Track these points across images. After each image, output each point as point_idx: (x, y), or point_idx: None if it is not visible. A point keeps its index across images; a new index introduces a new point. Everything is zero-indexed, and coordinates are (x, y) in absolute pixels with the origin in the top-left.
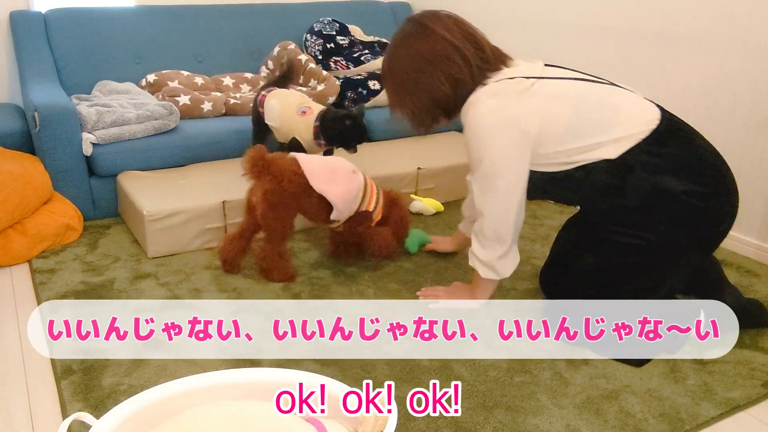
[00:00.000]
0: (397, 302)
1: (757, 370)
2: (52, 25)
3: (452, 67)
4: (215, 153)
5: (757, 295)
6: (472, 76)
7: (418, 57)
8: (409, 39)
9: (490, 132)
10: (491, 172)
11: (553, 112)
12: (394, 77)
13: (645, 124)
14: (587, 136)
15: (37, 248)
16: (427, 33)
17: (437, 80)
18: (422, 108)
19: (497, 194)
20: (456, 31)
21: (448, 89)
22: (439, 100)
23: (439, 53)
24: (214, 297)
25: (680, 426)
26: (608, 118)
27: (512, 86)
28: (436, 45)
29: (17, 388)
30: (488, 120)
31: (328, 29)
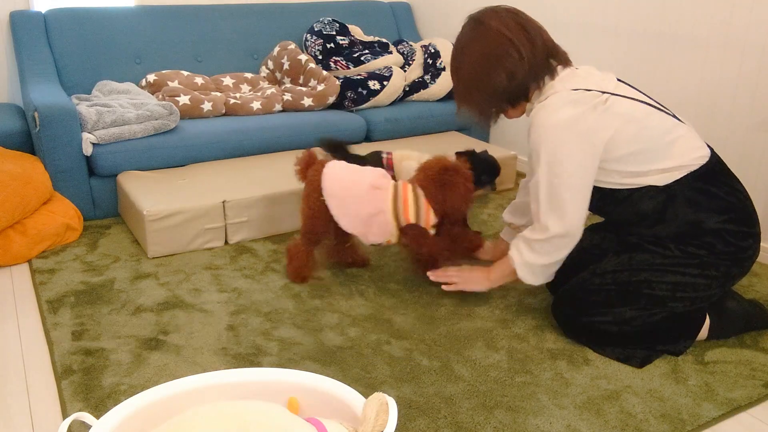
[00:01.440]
0: (397, 302)
1: (758, 370)
2: (52, 25)
3: (507, 60)
4: (215, 153)
5: (756, 295)
6: (526, 68)
7: (477, 54)
8: (468, 38)
9: (565, 140)
10: (560, 182)
11: (620, 131)
12: (460, 76)
13: (695, 159)
14: (643, 162)
15: (37, 248)
16: (483, 30)
17: (496, 74)
18: (487, 101)
19: (564, 205)
20: (512, 25)
21: (504, 81)
22: (499, 91)
23: (494, 48)
24: (214, 297)
25: (681, 426)
26: (665, 148)
27: (589, 98)
28: (491, 41)
29: (17, 388)
30: (564, 128)
31: (328, 29)
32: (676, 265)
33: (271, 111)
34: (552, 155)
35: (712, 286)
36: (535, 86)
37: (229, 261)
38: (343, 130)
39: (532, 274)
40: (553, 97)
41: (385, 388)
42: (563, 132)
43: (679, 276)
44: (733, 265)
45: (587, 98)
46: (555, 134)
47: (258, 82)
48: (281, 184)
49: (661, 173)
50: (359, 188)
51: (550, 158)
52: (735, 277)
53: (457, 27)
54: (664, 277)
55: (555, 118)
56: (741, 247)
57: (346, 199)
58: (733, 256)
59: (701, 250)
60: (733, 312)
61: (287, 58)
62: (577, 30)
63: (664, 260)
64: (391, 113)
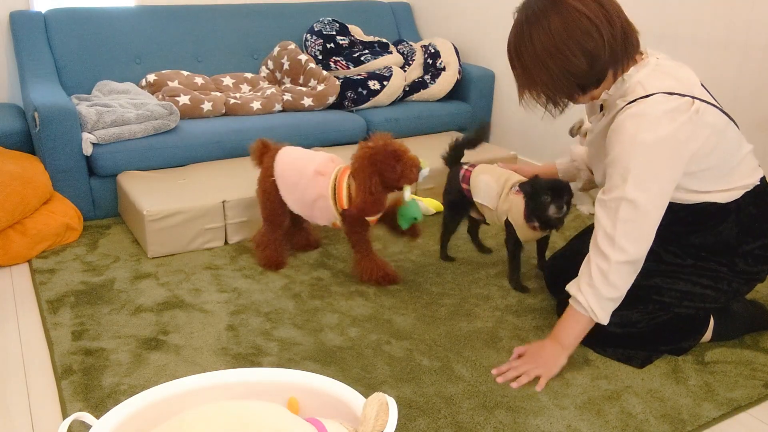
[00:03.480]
0: (397, 302)
1: (758, 370)
2: (52, 25)
3: (588, 41)
4: (215, 153)
5: (756, 295)
6: (607, 52)
7: (553, 31)
8: (540, 13)
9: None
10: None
11: (704, 144)
12: (526, 54)
13: (751, 179)
14: (711, 180)
15: (37, 248)
16: (558, 5)
17: (573, 55)
18: (558, 84)
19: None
20: (589, 3)
21: (584, 64)
22: (576, 75)
23: (573, 27)
24: (214, 297)
25: (681, 426)
26: (735, 166)
27: (685, 107)
28: (569, 18)
29: (17, 388)
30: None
31: (328, 29)
32: (689, 275)
33: (271, 111)
34: (644, 173)
35: (719, 300)
36: (613, 72)
37: (229, 261)
38: (343, 130)
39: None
40: (646, 103)
41: (385, 388)
42: (661, 150)
43: (690, 285)
44: (745, 284)
45: (683, 107)
46: (651, 152)
47: (258, 82)
48: None
49: (723, 192)
50: (305, 173)
51: (640, 175)
52: (743, 293)
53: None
54: (675, 284)
55: (653, 135)
56: (761, 270)
57: (293, 181)
58: (751, 276)
59: (722, 267)
60: (737, 314)
61: (287, 58)
62: None
63: (678, 268)
64: (391, 113)
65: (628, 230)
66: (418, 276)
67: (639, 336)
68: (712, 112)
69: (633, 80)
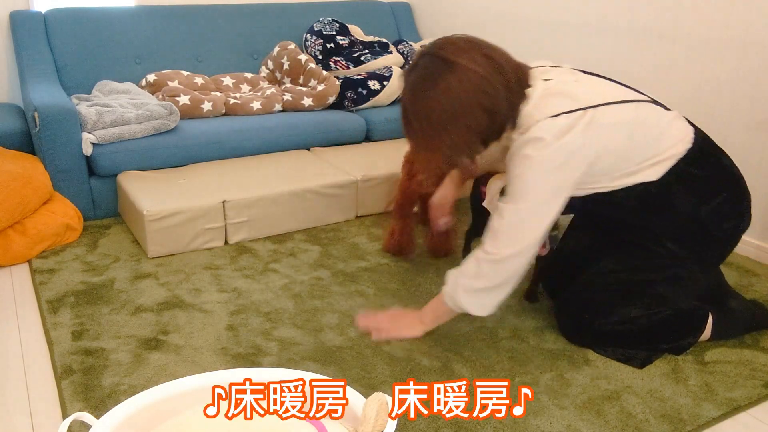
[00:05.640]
0: (397, 302)
1: (758, 370)
2: (52, 25)
3: (485, 98)
4: (215, 153)
5: (756, 294)
6: (504, 103)
7: (451, 93)
8: (435, 75)
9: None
10: (532, 210)
11: (609, 141)
12: (424, 117)
13: (682, 144)
14: (634, 161)
15: (37, 248)
16: (453, 67)
17: (473, 114)
18: (460, 145)
19: (524, 232)
20: (480, 60)
21: (485, 120)
22: (478, 132)
23: (469, 86)
24: (214, 297)
25: (681, 426)
26: (655, 142)
27: (574, 122)
28: (464, 78)
29: (17, 388)
30: (554, 160)
31: (328, 29)
32: (674, 258)
33: (271, 111)
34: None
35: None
36: (512, 120)
37: (229, 261)
38: (343, 130)
39: (479, 305)
40: (536, 128)
41: (385, 388)
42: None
43: (677, 269)
44: (728, 244)
45: (572, 121)
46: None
47: (258, 82)
48: (281, 184)
49: (651, 167)
50: None
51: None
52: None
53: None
54: (664, 272)
55: (543, 153)
56: (735, 225)
57: None
58: (727, 234)
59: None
60: (736, 311)
61: (287, 58)
62: (576, 30)
63: (662, 259)
64: (391, 113)
65: (512, 234)
66: (418, 276)
67: (639, 333)
68: (611, 111)
69: (525, 116)
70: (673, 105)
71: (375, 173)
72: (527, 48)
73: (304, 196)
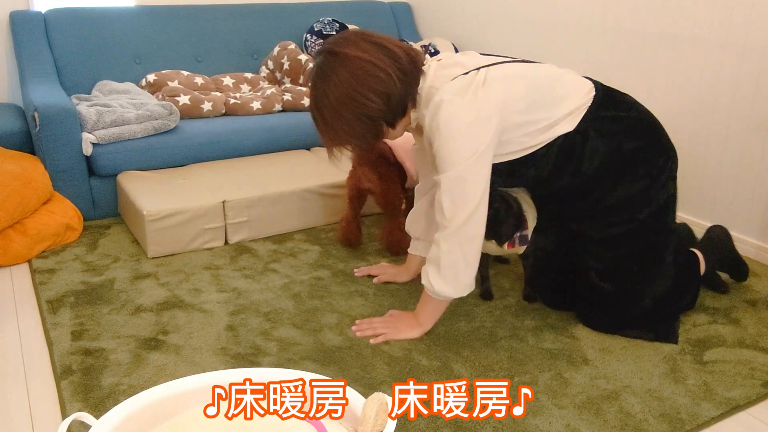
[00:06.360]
0: (397, 302)
1: (757, 369)
2: (52, 25)
3: (376, 83)
4: (215, 153)
5: (756, 295)
6: (398, 85)
7: (342, 83)
8: (328, 70)
9: (467, 129)
10: (464, 171)
11: (510, 92)
12: (325, 110)
13: (587, 93)
14: (544, 110)
15: (37, 248)
16: (341, 58)
17: (367, 98)
18: (359, 130)
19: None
20: (368, 47)
21: (380, 104)
22: (376, 116)
23: (359, 74)
24: (213, 297)
25: (680, 426)
26: (558, 92)
27: (470, 80)
28: (353, 67)
29: (17, 388)
30: (463, 117)
31: (328, 29)
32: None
33: (271, 111)
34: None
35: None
36: (412, 98)
37: (229, 261)
38: None
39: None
40: (438, 95)
41: (384, 388)
42: (463, 120)
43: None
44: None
45: (468, 80)
46: (457, 124)
47: (258, 82)
48: (281, 184)
49: (565, 118)
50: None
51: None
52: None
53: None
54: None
55: (454, 110)
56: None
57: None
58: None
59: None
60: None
61: (287, 58)
62: (576, 30)
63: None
64: None
65: (457, 200)
66: (418, 275)
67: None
68: (502, 67)
69: (425, 90)
70: (673, 105)
71: None
72: (527, 48)
73: (304, 196)
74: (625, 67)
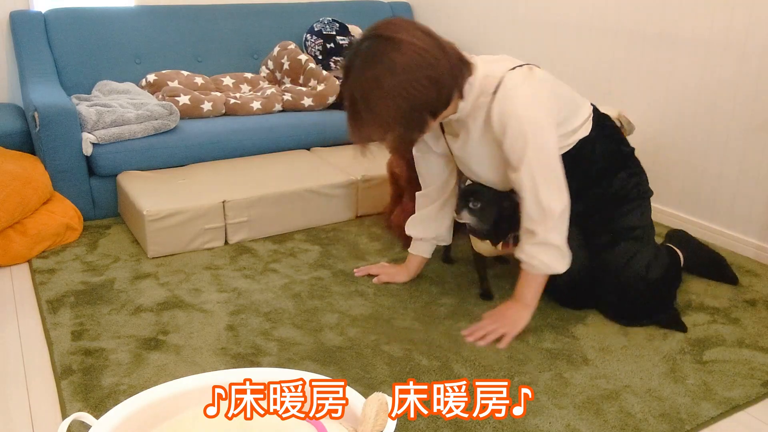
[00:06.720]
0: (397, 302)
1: (756, 369)
2: (52, 25)
3: (430, 70)
4: (215, 153)
5: (756, 294)
6: (447, 75)
7: (398, 69)
8: (380, 55)
9: (540, 116)
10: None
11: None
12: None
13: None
14: (572, 115)
15: (37, 248)
16: (395, 43)
17: (421, 86)
18: (411, 119)
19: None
20: (419, 34)
21: (432, 92)
22: (427, 104)
23: (415, 60)
24: (213, 297)
25: (680, 426)
26: (575, 100)
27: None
28: (409, 52)
29: (17, 388)
30: (535, 105)
31: (328, 29)
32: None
33: (271, 111)
34: (537, 136)
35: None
36: (458, 90)
37: (229, 261)
38: (343, 131)
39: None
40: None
41: (384, 388)
42: (537, 110)
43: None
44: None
45: (526, 71)
46: (533, 115)
47: (258, 82)
48: (281, 184)
49: (583, 125)
50: None
51: (536, 141)
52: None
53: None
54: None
55: (523, 101)
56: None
57: None
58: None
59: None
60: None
61: (287, 58)
62: (576, 30)
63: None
64: None
65: (548, 184)
66: (418, 275)
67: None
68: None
69: (479, 80)
70: (674, 106)
71: (375, 173)
72: (527, 48)
73: (304, 196)
74: (625, 68)
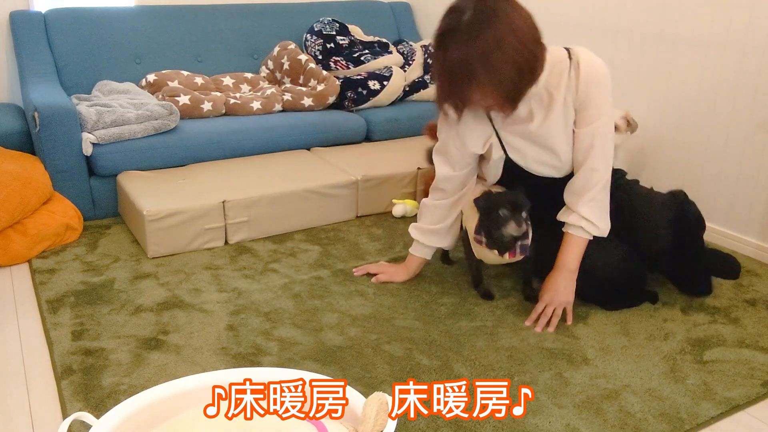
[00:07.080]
0: (397, 302)
1: (756, 369)
2: (52, 25)
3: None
4: (215, 153)
5: (756, 294)
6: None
7: (517, 29)
8: (496, 11)
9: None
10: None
11: None
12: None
13: None
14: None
15: (37, 248)
16: (511, 4)
17: (534, 47)
18: (524, 81)
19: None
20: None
21: (539, 53)
22: (538, 66)
23: (528, 21)
24: (214, 297)
25: (680, 426)
26: None
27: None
28: (523, 13)
29: (17, 388)
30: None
31: (328, 29)
32: None
33: (271, 111)
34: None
35: None
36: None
37: (229, 261)
38: (343, 130)
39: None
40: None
41: (385, 388)
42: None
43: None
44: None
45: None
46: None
47: (258, 82)
48: (281, 184)
49: None
50: None
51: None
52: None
53: None
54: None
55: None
56: None
57: None
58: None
59: None
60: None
61: (287, 58)
62: (576, 30)
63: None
64: (391, 113)
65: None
66: (418, 275)
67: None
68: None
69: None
70: (674, 105)
71: (375, 173)
72: None
73: (304, 196)
74: (625, 68)
